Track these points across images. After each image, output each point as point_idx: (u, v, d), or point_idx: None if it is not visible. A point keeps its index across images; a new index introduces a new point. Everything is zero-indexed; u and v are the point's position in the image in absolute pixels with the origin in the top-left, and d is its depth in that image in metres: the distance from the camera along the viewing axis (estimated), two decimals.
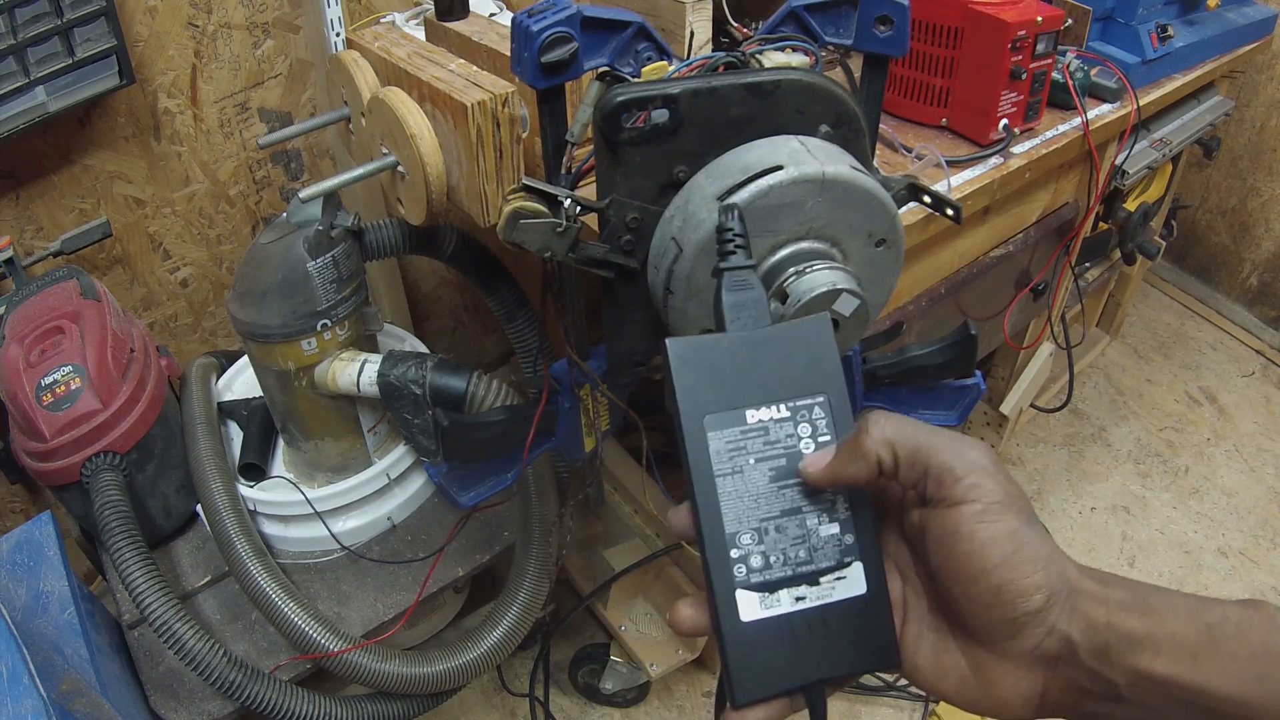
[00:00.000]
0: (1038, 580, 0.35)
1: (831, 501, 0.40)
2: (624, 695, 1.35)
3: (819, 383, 0.41)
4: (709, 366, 0.40)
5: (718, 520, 0.39)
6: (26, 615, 0.87)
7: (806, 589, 0.39)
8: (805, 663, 0.39)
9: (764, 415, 0.40)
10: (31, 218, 1.09)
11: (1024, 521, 0.36)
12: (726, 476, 0.40)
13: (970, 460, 0.36)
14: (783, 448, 0.40)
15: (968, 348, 0.79)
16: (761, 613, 0.39)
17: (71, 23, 0.94)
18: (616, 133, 0.56)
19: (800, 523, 0.40)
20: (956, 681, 0.38)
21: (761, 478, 0.40)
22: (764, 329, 0.43)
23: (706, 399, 0.40)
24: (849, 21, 0.65)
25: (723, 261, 0.46)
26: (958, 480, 0.36)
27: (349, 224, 0.90)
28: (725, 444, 0.40)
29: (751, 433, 0.40)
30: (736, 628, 0.38)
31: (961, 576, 0.36)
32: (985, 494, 0.36)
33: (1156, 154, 1.31)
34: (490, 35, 0.84)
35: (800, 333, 0.42)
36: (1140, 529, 1.67)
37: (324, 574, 1.04)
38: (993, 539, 0.35)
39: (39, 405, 0.89)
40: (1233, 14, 1.38)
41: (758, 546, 0.39)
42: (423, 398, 0.92)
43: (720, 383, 0.40)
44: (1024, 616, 0.35)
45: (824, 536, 0.40)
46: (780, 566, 0.39)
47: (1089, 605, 0.35)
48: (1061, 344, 1.50)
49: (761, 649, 0.39)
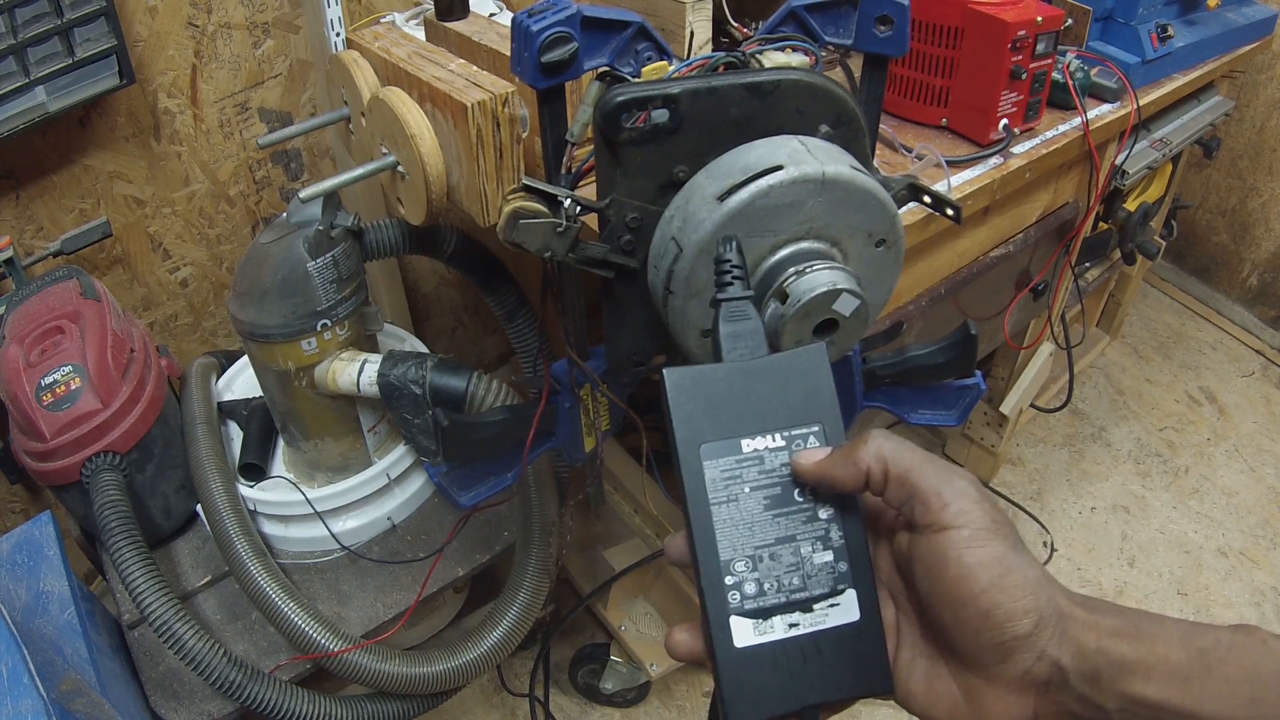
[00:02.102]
0: (1026, 604, 0.35)
1: (825, 530, 0.41)
2: (624, 695, 1.35)
3: (814, 413, 0.42)
4: (705, 396, 0.41)
5: (712, 548, 0.40)
6: (26, 615, 0.87)
7: (800, 616, 0.40)
8: (798, 688, 0.39)
9: (759, 444, 0.41)
10: (31, 218, 1.09)
11: (1010, 547, 0.36)
12: (721, 505, 0.40)
13: (957, 487, 0.37)
14: (778, 476, 0.41)
15: (968, 348, 0.79)
16: (755, 639, 0.39)
17: (71, 23, 0.94)
18: (616, 133, 0.56)
19: (794, 550, 0.40)
20: (949, 706, 0.38)
21: (756, 506, 0.41)
22: (760, 359, 0.43)
23: (703, 428, 0.41)
24: (849, 21, 0.65)
25: (720, 292, 0.46)
26: (945, 505, 0.36)
27: (349, 224, 0.90)
28: (720, 472, 0.41)
29: (746, 462, 0.41)
30: (730, 653, 0.39)
31: (950, 601, 0.36)
32: (971, 520, 0.36)
33: (1156, 154, 1.31)
34: (490, 35, 0.84)
35: (796, 363, 0.42)
36: (1140, 529, 1.67)
37: (324, 574, 1.04)
38: (980, 563, 0.35)
39: (39, 405, 0.89)
40: (1233, 14, 1.38)
41: (751, 574, 0.40)
42: (423, 398, 0.92)
43: (716, 412, 0.41)
44: (1013, 641, 0.35)
45: (817, 564, 0.41)
46: (774, 593, 0.40)
47: (1079, 631, 0.35)
48: (1061, 344, 1.50)
49: (755, 674, 0.39)
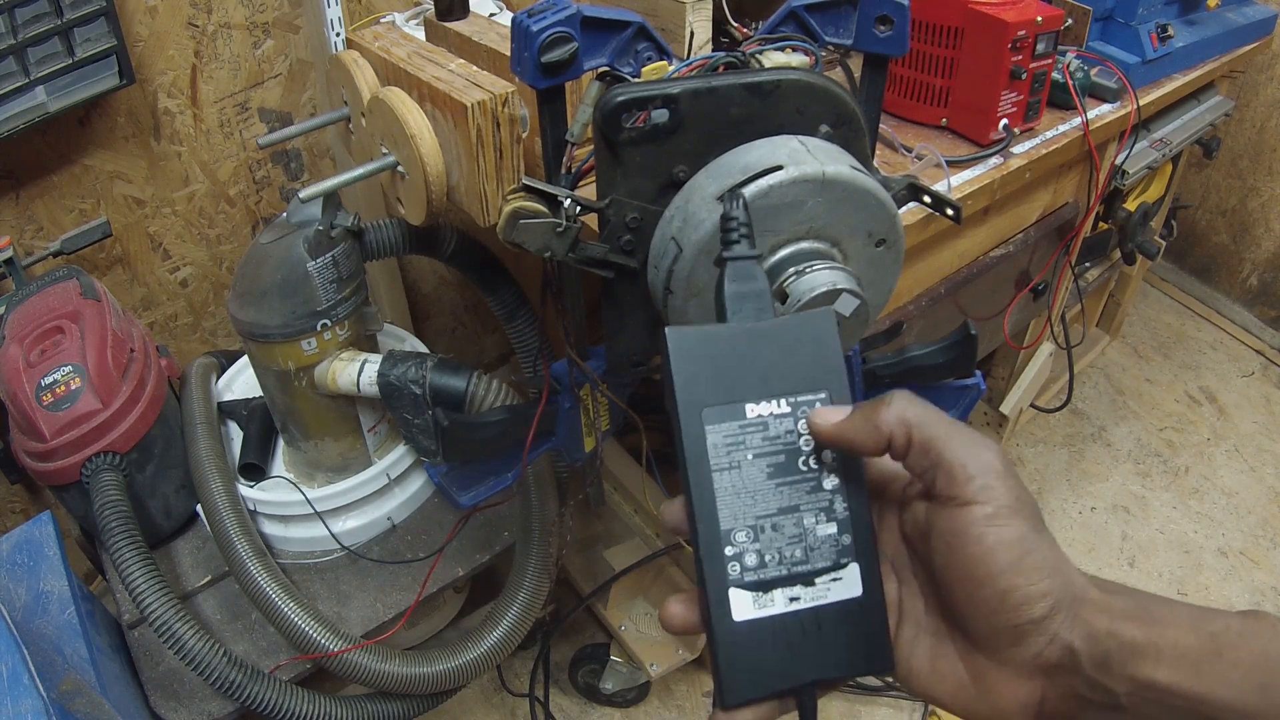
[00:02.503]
0: (1043, 588, 0.34)
1: (830, 501, 0.39)
2: (624, 695, 1.35)
3: (821, 378, 0.40)
4: (709, 358, 0.39)
5: (713, 516, 0.38)
6: (26, 615, 0.87)
7: (801, 589, 0.38)
8: (797, 664, 0.38)
9: (764, 410, 0.39)
10: (31, 218, 1.09)
11: (1032, 527, 0.35)
12: (723, 471, 0.39)
13: (983, 461, 0.36)
14: (782, 444, 0.39)
15: (968, 348, 0.79)
16: (754, 613, 0.38)
17: (71, 23, 0.94)
18: (616, 133, 0.56)
19: (797, 521, 0.39)
20: (953, 687, 0.38)
21: (759, 474, 0.39)
22: (766, 321, 0.41)
23: (705, 391, 0.39)
24: (849, 21, 0.65)
25: (726, 250, 0.44)
26: (970, 479, 0.35)
27: (349, 224, 0.90)
28: (723, 438, 0.39)
29: (750, 427, 0.39)
30: (728, 627, 0.38)
31: (966, 580, 0.36)
32: (996, 497, 0.35)
33: (1156, 154, 1.31)
34: (490, 35, 0.84)
35: (803, 326, 0.41)
36: (1140, 529, 1.67)
37: (324, 574, 1.04)
38: (1001, 543, 0.35)
39: (39, 405, 0.89)
40: (1233, 14, 1.38)
41: (753, 544, 0.38)
42: (423, 398, 0.92)
43: (720, 375, 0.39)
44: (1028, 624, 0.35)
45: (821, 536, 0.39)
46: (775, 566, 0.38)
47: (1091, 614, 0.35)
48: (1061, 344, 1.50)
49: (753, 649, 0.38)
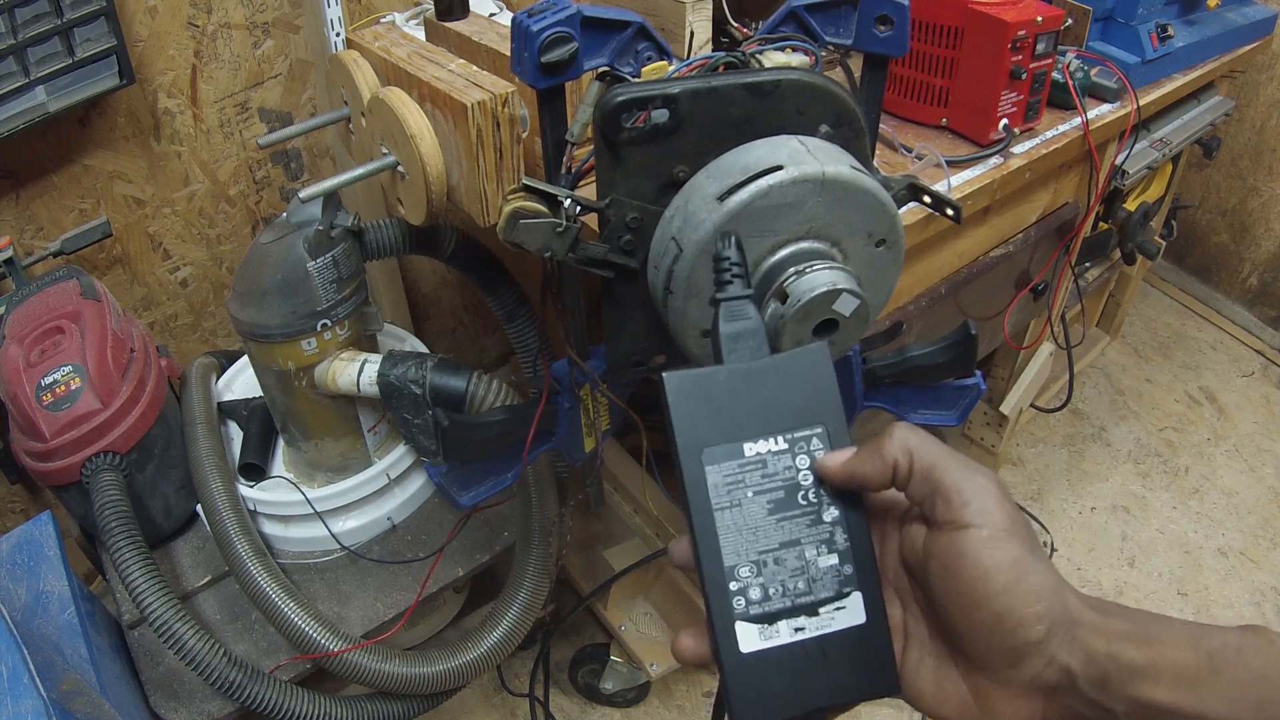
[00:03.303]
0: (1039, 610, 0.35)
1: (830, 532, 0.41)
2: (624, 695, 1.35)
3: (817, 414, 0.41)
4: (706, 400, 0.41)
5: (716, 553, 0.39)
6: (26, 615, 0.87)
7: (805, 620, 0.40)
8: (805, 692, 0.39)
9: (762, 448, 0.41)
10: (31, 218, 1.09)
11: (1028, 550, 0.36)
12: (725, 510, 0.40)
13: (978, 485, 0.37)
14: (781, 480, 0.41)
15: (968, 348, 0.79)
16: (761, 644, 0.39)
17: (71, 23, 0.94)
18: (616, 133, 0.56)
19: (799, 554, 0.40)
20: (958, 706, 0.38)
21: (760, 510, 0.40)
22: (761, 360, 0.43)
23: (704, 432, 0.40)
24: (849, 21, 0.65)
25: (719, 291, 0.45)
26: (966, 503, 0.36)
27: (349, 224, 0.90)
28: (723, 477, 0.40)
29: (749, 465, 0.40)
30: (736, 659, 0.39)
31: (964, 602, 0.36)
32: (991, 519, 0.36)
33: (1156, 154, 1.31)
34: (490, 35, 0.84)
35: (798, 364, 0.42)
36: (1140, 529, 1.67)
37: (324, 574, 1.04)
38: (997, 565, 0.35)
39: (39, 405, 0.89)
40: (1233, 14, 1.38)
41: (756, 579, 0.40)
42: (423, 398, 0.92)
43: (717, 416, 0.40)
44: (1024, 646, 0.35)
45: (823, 568, 0.40)
46: (779, 598, 0.40)
47: (1088, 636, 0.35)
48: (1061, 344, 1.50)
49: (761, 679, 0.39)
